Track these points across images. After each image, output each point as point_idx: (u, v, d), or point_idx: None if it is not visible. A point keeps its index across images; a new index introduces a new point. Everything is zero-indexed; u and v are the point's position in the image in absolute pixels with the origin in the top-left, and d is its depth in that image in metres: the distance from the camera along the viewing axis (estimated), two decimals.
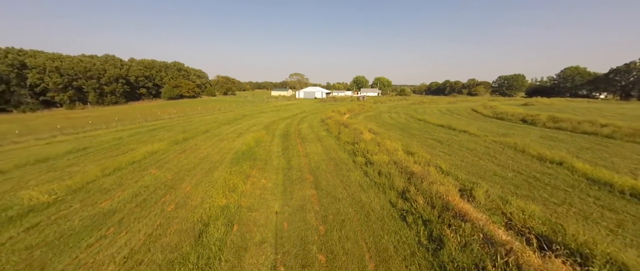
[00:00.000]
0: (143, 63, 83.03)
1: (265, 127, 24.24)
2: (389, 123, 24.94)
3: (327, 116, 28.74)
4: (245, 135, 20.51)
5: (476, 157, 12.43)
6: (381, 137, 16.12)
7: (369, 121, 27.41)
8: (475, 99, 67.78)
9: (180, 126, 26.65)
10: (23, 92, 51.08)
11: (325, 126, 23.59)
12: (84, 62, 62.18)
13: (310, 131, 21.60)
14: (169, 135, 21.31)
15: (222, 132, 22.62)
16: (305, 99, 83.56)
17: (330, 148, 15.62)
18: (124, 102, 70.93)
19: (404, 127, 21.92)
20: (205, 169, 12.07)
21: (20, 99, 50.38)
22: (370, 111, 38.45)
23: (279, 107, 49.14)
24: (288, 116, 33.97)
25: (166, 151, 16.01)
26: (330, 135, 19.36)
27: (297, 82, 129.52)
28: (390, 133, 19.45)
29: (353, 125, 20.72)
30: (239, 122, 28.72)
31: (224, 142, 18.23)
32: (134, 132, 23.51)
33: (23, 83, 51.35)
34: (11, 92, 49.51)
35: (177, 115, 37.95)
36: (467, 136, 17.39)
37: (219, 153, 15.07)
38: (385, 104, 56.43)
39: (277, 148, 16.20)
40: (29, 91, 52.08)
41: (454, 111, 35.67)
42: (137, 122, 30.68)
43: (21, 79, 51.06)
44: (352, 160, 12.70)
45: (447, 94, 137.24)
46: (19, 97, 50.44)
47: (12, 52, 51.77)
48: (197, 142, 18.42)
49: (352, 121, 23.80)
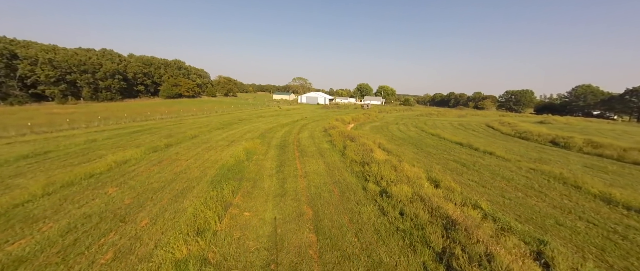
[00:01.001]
0: (142, 59, 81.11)
1: (261, 135, 21.76)
2: (400, 137, 22.46)
3: (330, 125, 26.30)
4: (237, 144, 18.02)
5: (518, 191, 9.89)
6: (396, 157, 13.62)
7: (376, 133, 24.94)
8: (485, 114, 65.54)
9: (167, 129, 24.17)
10: (12, 83, 48.77)
11: (328, 137, 21.12)
12: (79, 55, 60.10)
13: (311, 143, 19.11)
14: (150, 140, 18.81)
15: (211, 138, 20.13)
16: (307, 105, 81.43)
17: (334, 166, 13.09)
18: (120, 99, 68.58)
19: (417, 144, 19.42)
20: (176, 192, 9.50)
21: (7, 91, 48.02)
22: (376, 121, 36.06)
23: (279, 112, 46.82)
24: (288, 122, 31.56)
25: (140, 160, 13.48)
26: (333, 149, 16.86)
27: (300, 86, 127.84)
28: (404, 150, 16.94)
29: (360, 138, 18.24)
30: (234, 128, 26.26)
31: (211, 152, 15.71)
32: (113, 134, 21.00)
33: (12, 74, 49.09)
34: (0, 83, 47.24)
35: (169, 116, 35.52)
36: (495, 159, 14.88)
37: (200, 167, 12.53)
38: (390, 114, 54.13)
39: (271, 163, 13.67)
40: (18, 83, 49.78)
41: (467, 125, 33.27)
42: (123, 122, 28.21)
43: (10, 70, 48.82)
44: (362, 186, 10.16)
45: (452, 106, 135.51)
46: (7, 89, 48.09)
47: (2, 41, 49.72)
48: (180, 150, 15.89)
49: (358, 133, 21.34)
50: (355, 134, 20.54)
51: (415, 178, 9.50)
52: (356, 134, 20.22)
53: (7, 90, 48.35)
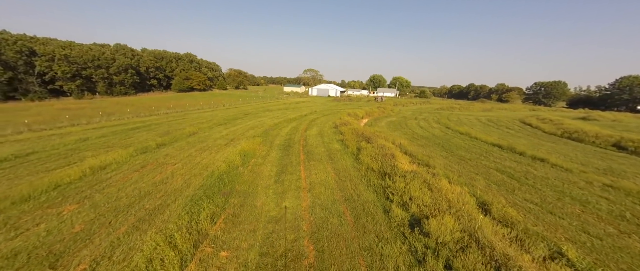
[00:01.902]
0: (154, 53, 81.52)
1: (265, 133, 19.64)
2: (422, 136, 19.45)
3: (341, 120, 23.66)
4: (235, 144, 16.01)
5: (606, 224, 6.98)
6: (425, 167, 10.91)
7: (394, 130, 22.04)
8: (513, 107, 59.34)
9: (167, 125, 22.71)
10: (31, 80, 50.11)
11: (339, 134, 18.58)
12: (93, 51, 60.86)
13: (319, 142, 16.70)
14: (144, 138, 17.27)
15: (210, 136, 18.29)
16: (317, 97, 78.68)
17: (346, 174, 10.64)
18: (134, 93, 69.44)
19: (445, 145, 16.42)
20: (143, 213, 7.52)
21: (27, 88, 49.41)
22: (393, 116, 32.85)
23: (287, 106, 44.63)
24: (296, 117, 29.27)
25: (121, 164, 11.78)
26: (345, 151, 14.34)
27: (311, 78, 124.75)
28: (430, 154, 14.07)
29: (376, 137, 15.57)
30: (237, 123, 24.39)
31: (204, 154, 13.77)
32: (110, 131, 19.76)
33: (31, 71, 50.38)
34: (19, 80, 48.61)
35: (176, 110, 34.42)
36: (550, 168, 11.72)
37: (186, 175, 10.56)
38: (407, 107, 50.24)
39: (270, 169, 11.45)
40: (37, 79, 51.10)
41: (498, 121, 29.24)
42: (126, 117, 27.24)
43: (29, 67, 50.08)
44: (383, 207, 7.69)
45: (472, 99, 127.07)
46: (27, 85, 49.48)
47: (22, 39, 50.90)
48: (171, 151, 14.10)
49: (374, 131, 18.60)
50: (370, 132, 17.84)
51: (460, 203, 6.84)
52: (372, 133, 17.53)
53: (27, 86, 49.73)
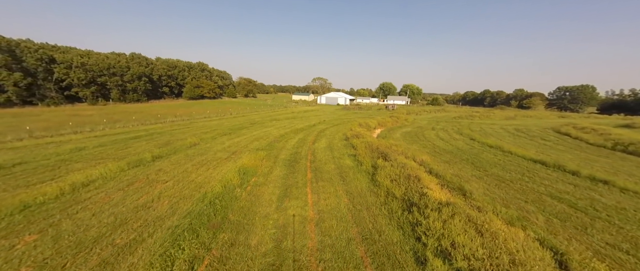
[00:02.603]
0: (167, 62, 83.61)
1: (270, 145, 18.14)
2: (445, 150, 17.31)
3: (352, 132, 21.88)
4: (237, 157, 14.55)
5: None
6: (461, 191, 8.92)
7: (412, 142, 20.00)
8: (538, 114, 55.38)
9: (170, 134, 21.71)
10: (49, 86, 51.78)
11: (350, 148, 16.79)
12: (109, 59, 62.79)
13: (329, 157, 14.96)
14: (142, 149, 16.15)
15: (211, 148, 16.97)
16: (326, 106, 77.45)
17: (362, 202, 8.81)
18: (146, 100, 70.81)
19: (474, 161, 14.25)
20: (112, 251, 5.98)
21: (45, 93, 51.01)
22: (407, 126, 30.73)
23: (295, 114, 43.39)
24: (304, 127, 27.77)
25: (109, 180, 10.50)
26: (359, 169, 12.51)
27: (320, 86, 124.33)
28: (460, 173, 12.00)
29: (393, 152, 13.69)
30: (242, 133, 23.11)
31: (201, 169, 12.34)
32: (109, 140, 18.88)
33: (49, 77, 52.15)
34: (38, 86, 50.30)
35: (182, 118, 33.82)
36: (619, 194, 9.40)
37: (176, 195, 9.07)
38: (421, 115, 47.83)
39: (271, 191, 9.79)
40: (54, 85, 52.79)
41: (527, 131, 26.50)
42: (130, 125, 26.67)
43: (48, 74, 51.89)
44: (415, 257, 5.80)
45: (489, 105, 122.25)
46: (44, 91, 51.10)
47: (43, 48, 53.06)
48: (165, 166, 12.76)
49: (389, 144, 16.69)
50: (385, 145, 15.95)
51: (530, 259, 4.83)
52: (387, 146, 15.63)
53: (45, 92, 51.31)
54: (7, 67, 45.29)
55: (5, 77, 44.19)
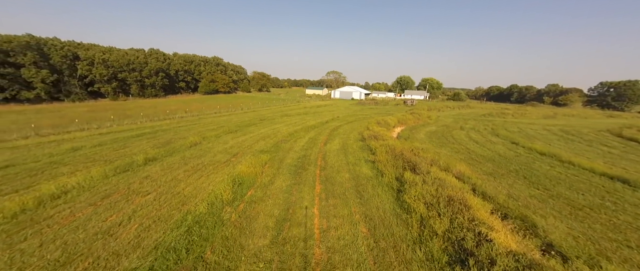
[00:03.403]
0: (184, 57, 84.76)
1: (276, 145, 16.19)
2: (484, 156, 14.30)
3: (370, 131, 19.32)
4: (237, 161, 12.76)
5: None
6: (533, 230, 6.33)
7: (439, 144, 17.09)
8: (582, 113, 48.58)
9: (173, 132, 20.54)
10: (73, 82, 53.96)
11: (368, 152, 14.35)
12: (128, 55, 64.38)
13: (342, 162, 12.68)
14: (139, 149, 14.90)
15: (212, 148, 15.35)
16: (340, 100, 74.50)
17: (386, 235, 6.50)
18: (163, 95, 72.33)
19: (526, 174, 11.25)
20: None
21: (70, 89, 53.22)
22: (431, 124, 27.44)
23: (308, 110, 41.27)
24: (315, 124, 25.57)
25: (85, 190, 9.08)
26: (379, 181, 10.12)
27: (334, 80, 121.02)
28: (515, 192, 9.18)
29: (422, 160, 11.11)
30: (249, 131, 21.41)
31: (193, 177, 10.63)
32: (111, 138, 17.97)
33: (74, 74, 54.31)
34: (64, 82, 52.56)
35: (192, 114, 33.02)
36: None
37: (150, 216, 7.34)
38: (444, 112, 43.69)
39: (269, 211, 7.76)
40: (78, 81, 54.94)
41: (577, 133, 22.28)
42: (139, 121, 26.08)
43: (72, 70, 54.03)
44: None
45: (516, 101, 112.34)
46: (70, 87, 53.31)
47: (68, 45, 55.19)
48: (155, 171, 11.23)
49: (415, 148, 14.01)
50: (410, 149, 13.32)
51: None
52: (413, 152, 13.00)
53: (70, 88, 53.52)
54: (36, 65, 47.50)
55: (34, 74, 46.32)
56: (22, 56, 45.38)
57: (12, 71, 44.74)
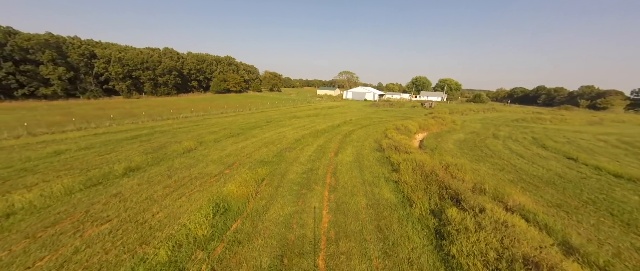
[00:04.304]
0: (197, 56, 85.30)
1: (280, 154, 13.97)
2: (537, 176, 11.27)
3: (389, 139, 16.64)
4: (230, 175, 10.65)
5: None
6: None
7: (476, 158, 14.11)
8: (634, 119, 42.64)
9: (171, 134, 18.91)
10: (89, 80, 55.02)
11: (388, 166, 11.74)
12: (143, 54, 65.18)
13: (357, 181, 10.19)
14: (126, 155, 13.21)
15: (207, 156, 13.38)
16: (353, 102, 71.59)
17: None
18: (175, 94, 72.83)
19: (612, 208, 8.22)
20: None
21: (85, 87, 54.27)
22: (457, 130, 24.19)
23: (318, 112, 38.95)
24: (326, 128, 23.18)
25: (32, 214, 7.28)
26: (408, 215, 7.54)
27: (346, 81, 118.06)
28: (610, 240, 6.32)
29: (461, 184, 8.41)
30: (252, 135, 19.39)
31: (170, 198, 8.57)
32: (102, 140, 16.55)
33: (90, 72, 55.38)
34: (80, 80, 53.68)
35: (196, 114, 31.70)
36: None
37: (85, 267, 5.25)
38: (468, 115, 39.79)
39: (252, 264, 5.44)
40: (94, 79, 55.99)
41: None
42: (140, 121, 24.89)
43: (89, 68, 55.11)
44: None
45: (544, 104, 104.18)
46: (85, 84, 54.37)
47: (86, 44, 56.42)
48: (130, 187, 9.31)
49: (447, 164, 11.22)
50: (442, 166, 10.58)
51: None
52: (447, 169, 10.27)
53: (86, 86, 54.58)
54: (54, 62, 48.63)
55: (51, 72, 47.36)
56: (40, 53, 46.48)
57: (32, 68, 45.94)
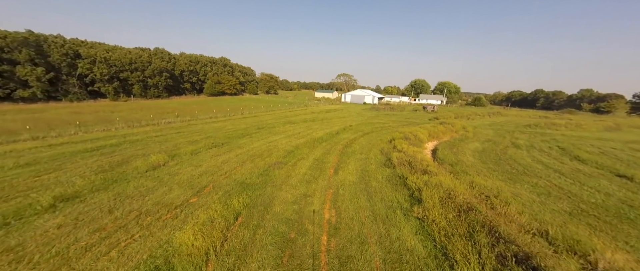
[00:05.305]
0: (190, 57, 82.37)
1: (265, 174, 11.26)
2: (599, 205, 8.68)
3: (400, 152, 13.99)
4: (194, 209, 7.91)
5: None
6: None
7: (509, 178, 11.50)
8: None
9: (142, 144, 16.08)
10: (72, 81, 51.75)
11: (403, 188, 9.09)
12: (131, 54, 62.09)
13: (366, 215, 7.51)
14: (76, 172, 10.42)
15: (175, 176, 10.62)
16: (352, 105, 69.17)
17: None
18: (167, 96, 69.65)
19: None
20: None
21: (68, 89, 50.99)
22: (470, 137, 21.67)
23: (315, 116, 36.30)
24: (324, 135, 20.53)
25: None
26: None
27: (345, 83, 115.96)
28: None
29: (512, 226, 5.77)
30: (239, 145, 16.66)
31: (88, 256, 5.80)
32: (56, 153, 13.69)
33: (73, 72, 52.14)
34: (62, 81, 50.41)
35: (182, 119, 28.84)
36: None
37: None
38: (474, 120, 37.48)
39: None
40: (77, 80, 52.72)
41: None
42: (113, 127, 21.98)
43: (72, 69, 51.88)
44: None
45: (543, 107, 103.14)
46: (68, 86, 51.09)
47: (71, 43, 53.25)
48: (46, 230, 6.53)
49: (483, 190, 8.60)
50: (475, 194, 7.98)
51: None
52: (485, 199, 7.66)
53: (68, 87, 51.29)
54: (32, 62, 45.40)
55: (29, 72, 44.11)
56: (17, 52, 43.27)
57: (8, 68, 42.69)
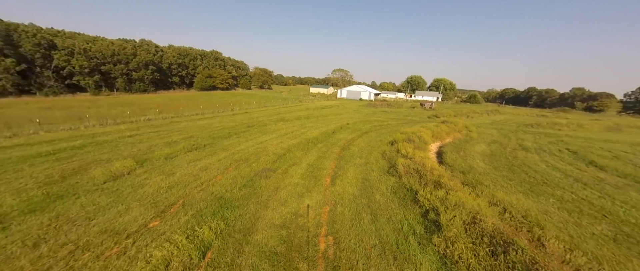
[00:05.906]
0: (178, 50, 78.49)
1: (251, 184, 9.46)
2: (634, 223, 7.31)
3: (405, 158, 12.36)
4: (156, 233, 6.03)
5: None
6: None
7: (530, 190, 10.05)
8: None
9: (110, 146, 13.95)
10: (47, 74, 47.96)
11: (415, 208, 7.48)
12: (114, 46, 58.26)
13: (373, 244, 5.83)
14: (11, 186, 8.31)
15: (141, 187, 8.69)
16: (347, 101, 67.48)
17: None
18: (153, 91, 66.11)
19: None
20: None
21: (43, 82, 47.25)
22: (475, 138, 20.31)
23: (310, 113, 34.43)
24: (319, 135, 18.79)
25: None
26: None
27: (340, 79, 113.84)
28: None
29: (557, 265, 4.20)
30: (224, 147, 14.72)
31: None
32: (1, 157, 11.47)
33: (48, 65, 48.31)
34: (36, 74, 46.62)
35: (166, 115, 26.49)
36: None
37: None
38: (473, 118, 36.39)
39: None
40: (53, 73, 48.92)
41: None
42: (83, 126, 19.52)
43: (47, 60, 48.02)
44: None
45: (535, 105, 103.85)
46: (43, 79, 47.33)
47: (43, 32, 49.16)
48: None
49: (511, 212, 7.07)
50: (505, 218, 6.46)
51: None
52: (519, 228, 6.12)
53: (43, 81, 47.58)
54: (1, 52, 41.59)
55: None
56: None
57: None
